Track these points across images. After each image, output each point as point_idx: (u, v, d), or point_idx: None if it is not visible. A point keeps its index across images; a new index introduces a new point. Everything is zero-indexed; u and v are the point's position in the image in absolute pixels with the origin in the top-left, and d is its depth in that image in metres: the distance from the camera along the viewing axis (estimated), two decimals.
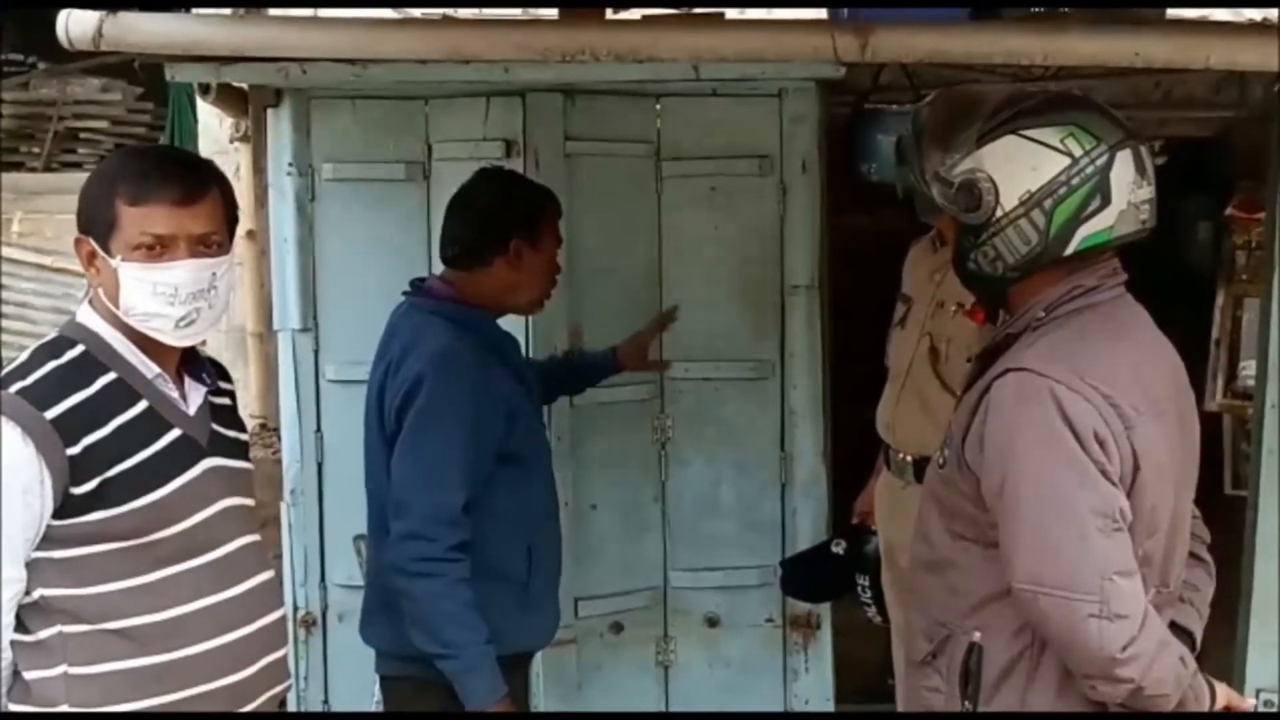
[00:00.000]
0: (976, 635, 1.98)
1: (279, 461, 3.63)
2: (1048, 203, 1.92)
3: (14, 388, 1.85)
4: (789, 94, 3.55)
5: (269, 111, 3.52)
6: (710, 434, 3.66)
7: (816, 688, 3.68)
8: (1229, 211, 3.99)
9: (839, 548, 3.45)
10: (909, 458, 3.18)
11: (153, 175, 1.92)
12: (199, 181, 1.95)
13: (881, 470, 3.41)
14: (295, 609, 3.53)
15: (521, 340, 3.33)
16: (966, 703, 1.98)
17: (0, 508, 1.82)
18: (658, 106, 3.58)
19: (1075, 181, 1.92)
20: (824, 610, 3.66)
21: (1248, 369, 3.72)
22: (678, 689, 3.69)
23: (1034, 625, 1.91)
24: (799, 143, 3.56)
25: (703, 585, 3.66)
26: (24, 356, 1.92)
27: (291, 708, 3.52)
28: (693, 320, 3.62)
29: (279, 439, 3.63)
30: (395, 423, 2.50)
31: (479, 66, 3.14)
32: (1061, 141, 1.93)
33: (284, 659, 2.09)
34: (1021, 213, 1.93)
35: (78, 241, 1.96)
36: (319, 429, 3.55)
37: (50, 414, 1.84)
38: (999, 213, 1.94)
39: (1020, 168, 1.93)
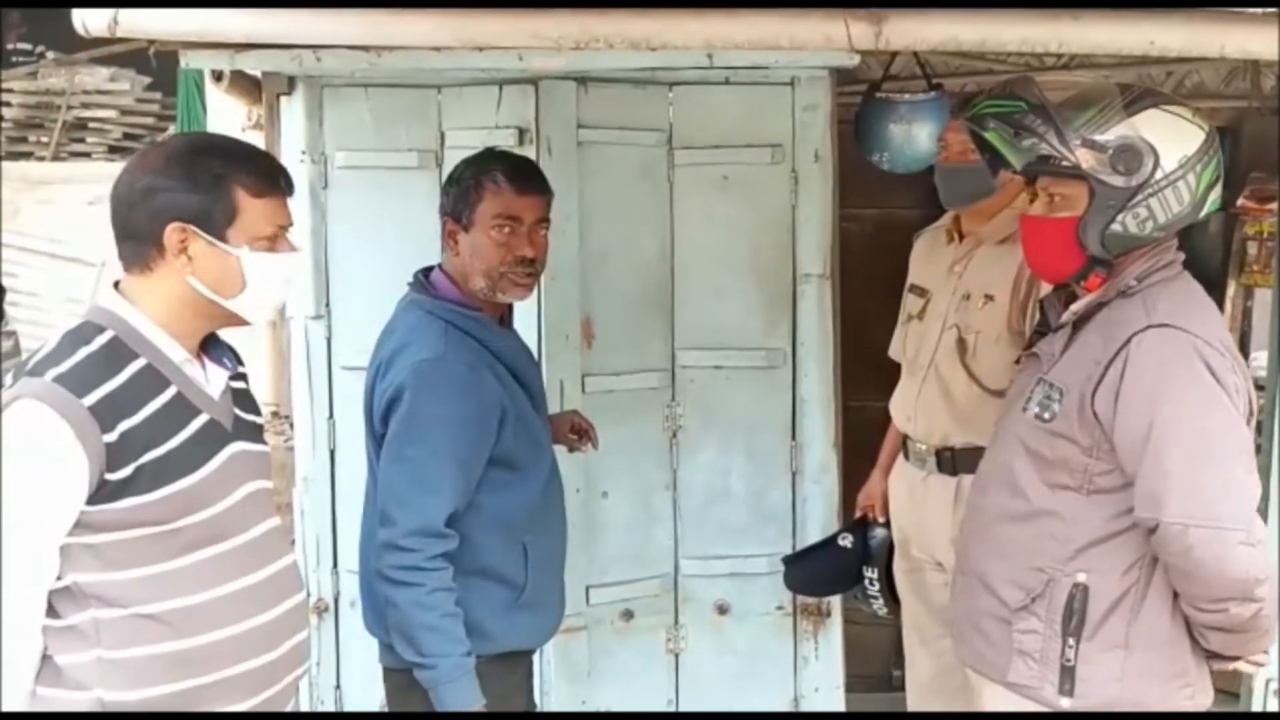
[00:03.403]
0: (1081, 577, 2.15)
1: (291, 448, 3.63)
2: (1199, 167, 2.11)
3: (50, 375, 1.84)
4: (801, 83, 3.54)
5: (282, 99, 3.53)
6: (721, 422, 3.66)
7: (826, 675, 3.69)
8: (1240, 202, 3.99)
9: (845, 541, 3.44)
10: (930, 448, 3.17)
11: (270, 168, 2.02)
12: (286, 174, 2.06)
13: (887, 462, 3.40)
14: (308, 595, 3.53)
15: (534, 328, 3.35)
16: (1070, 639, 2.15)
17: (38, 494, 1.81)
18: (670, 95, 3.57)
19: (1211, 152, 2.13)
20: (834, 598, 3.67)
21: (1258, 359, 3.73)
22: (687, 676, 3.70)
23: (1173, 557, 2.06)
24: (811, 131, 3.56)
25: (713, 573, 3.67)
26: (53, 344, 1.90)
27: (304, 693, 3.54)
28: (704, 309, 3.63)
29: (291, 426, 3.64)
30: (382, 424, 2.47)
31: (492, 54, 3.13)
32: (1193, 117, 2.13)
33: (306, 640, 2.10)
34: (1180, 175, 2.10)
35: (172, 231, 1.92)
36: (331, 415, 3.57)
37: (88, 401, 1.83)
38: (1159, 174, 2.10)
39: (1175, 135, 2.11)
